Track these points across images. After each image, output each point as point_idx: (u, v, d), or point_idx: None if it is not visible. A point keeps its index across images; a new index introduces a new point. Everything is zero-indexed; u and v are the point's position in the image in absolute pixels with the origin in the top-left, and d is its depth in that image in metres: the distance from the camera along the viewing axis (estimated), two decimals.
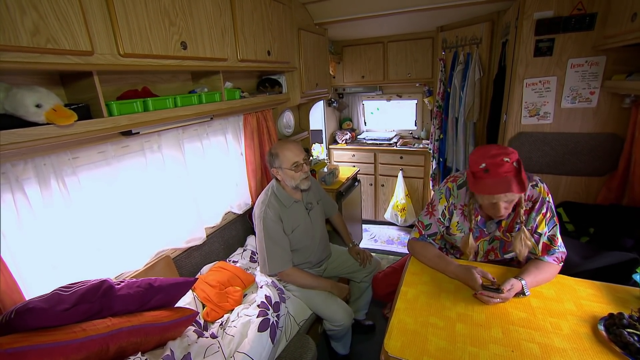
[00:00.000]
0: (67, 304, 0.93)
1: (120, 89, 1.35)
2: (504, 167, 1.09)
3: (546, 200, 1.20)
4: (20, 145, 0.90)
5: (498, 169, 1.09)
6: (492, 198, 1.12)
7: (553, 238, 1.22)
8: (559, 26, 1.80)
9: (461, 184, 1.32)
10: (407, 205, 3.51)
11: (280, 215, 1.63)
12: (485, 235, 1.32)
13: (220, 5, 1.53)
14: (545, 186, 1.22)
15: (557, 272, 1.23)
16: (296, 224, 1.69)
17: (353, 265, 1.92)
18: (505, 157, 1.10)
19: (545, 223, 1.21)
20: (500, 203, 1.12)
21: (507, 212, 1.17)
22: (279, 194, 1.68)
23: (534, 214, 1.21)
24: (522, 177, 1.08)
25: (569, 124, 1.92)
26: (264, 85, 2.19)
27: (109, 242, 1.36)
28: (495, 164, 1.10)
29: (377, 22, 2.76)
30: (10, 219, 1.04)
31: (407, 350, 0.94)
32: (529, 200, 1.22)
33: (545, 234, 1.22)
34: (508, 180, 1.08)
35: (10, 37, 0.83)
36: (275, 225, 1.61)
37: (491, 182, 1.09)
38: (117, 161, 1.39)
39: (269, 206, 1.63)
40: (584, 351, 0.91)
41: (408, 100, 3.81)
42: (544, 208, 1.20)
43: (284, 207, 1.66)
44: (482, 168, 1.12)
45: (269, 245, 1.60)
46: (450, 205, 1.33)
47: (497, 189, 1.08)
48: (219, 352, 1.22)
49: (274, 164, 1.66)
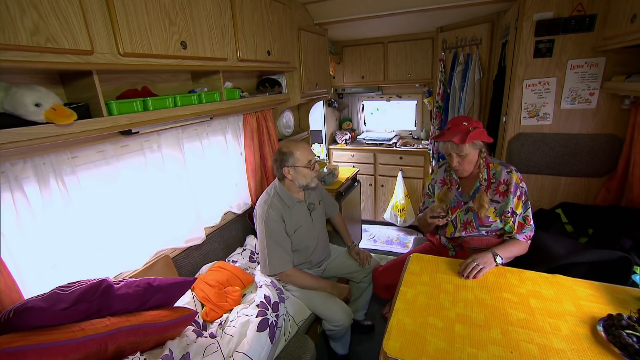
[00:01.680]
0: (65, 304, 0.92)
1: (120, 89, 1.34)
2: (460, 127, 1.42)
3: (519, 186, 1.43)
4: (19, 144, 0.90)
5: (455, 128, 1.43)
6: (445, 148, 1.45)
7: (527, 218, 1.45)
8: (559, 27, 1.80)
9: (441, 165, 1.67)
10: (406, 205, 3.51)
11: (282, 216, 1.63)
12: (462, 205, 1.54)
13: (221, 5, 1.53)
14: (519, 175, 1.45)
15: (527, 248, 1.47)
16: (298, 224, 1.69)
17: (352, 265, 1.92)
18: (465, 122, 1.42)
19: (521, 205, 1.43)
20: (453, 154, 1.43)
21: (460, 167, 1.46)
22: (282, 195, 1.67)
23: (511, 196, 1.42)
24: (467, 136, 1.36)
25: (569, 125, 1.92)
26: (263, 85, 2.19)
27: (108, 242, 1.36)
28: (455, 123, 1.45)
29: (377, 23, 2.76)
30: (9, 218, 1.04)
31: (406, 351, 0.94)
32: (504, 183, 1.45)
33: (521, 214, 1.44)
34: (456, 133, 1.40)
35: (10, 36, 0.83)
36: (277, 226, 1.60)
37: (446, 134, 1.43)
38: (116, 160, 1.39)
39: (271, 206, 1.62)
40: (583, 352, 0.91)
41: (408, 100, 3.81)
42: (518, 192, 1.42)
43: (286, 208, 1.66)
44: (448, 127, 1.47)
45: (270, 246, 1.60)
46: (432, 182, 1.67)
47: (444, 137, 1.42)
48: (217, 351, 1.22)
49: (286, 163, 1.64)
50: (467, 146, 1.39)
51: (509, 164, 1.51)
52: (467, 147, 1.40)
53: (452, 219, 1.55)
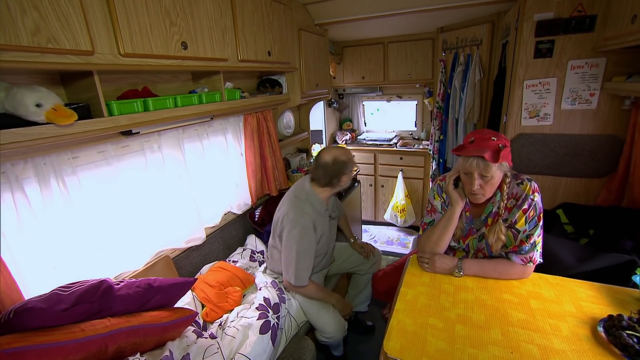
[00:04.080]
0: (66, 304, 0.92)
1: (120, 89, 1.35)
2: (488, 142, 1.15)
3: (529, 198, 1.19)
4: (20, 144, 0.90)
5: (482, 142, 1.15)
6: (469, 166, 1.16)
7: (529, 237, 1.20)
8: (559, 28, 1.80)
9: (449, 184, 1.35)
10: (406, 206, 3.51)
11: (315, 224, 1.55)
12: (474, 232, 1.33)
13: (221, 5, 1.54)
14: (535, 185, 1.22)
15: (522, 273, 1.23)
16: (322, 232, 1.63)
17: (357, 259, 1.94)
18: (493, 137, 1.16)
19: (525, 221, 1.20)
20: (475, 174, 1.16)
21: (480, 192, 1.19)
22: (314, 201, 1.58)
23: (515, 209, 1.22)
24: (499, 154, 1.11)
25: (569, 125, 1.92)
26: (264, 85, 2.19)
27: (109, 242, 1.36)
28: (482, 138, 1.17)
29: (378, 23, 2.76)
30: (9, 218, 1.04)
31: (406, 352, 0.94)
32: (512, 197, 1.22)
33: (525, 232, 1.20)
34: (484, 149, 1.12)
35: (11, 37, 0.83)
36: (311, 237, 1.53)
37: (471, 148, 1.16)
38: (117, 161, 1.39)
39: (305, 213, 1.53)
40: (583, 353, 0.91)
41: (408, 101, 3.81)
42: (525, 204, 1.20)
43: (317, 215, 1.58)
44: (470, 140, 1.19)
45: (302, 257, 1.51)
46: (444, 201, 1.37)
47: (472, 152, 1.14)
48: (218, 353, 1.22)
49: (348, 169, 1.57)
50: (495, 167, 1.13)
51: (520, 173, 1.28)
52: (495, 168, 1.13)
53: (464, 246, 1.37)
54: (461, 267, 1.26)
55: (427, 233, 1.36)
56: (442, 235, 1.30)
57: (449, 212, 1.30)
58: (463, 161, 1.18)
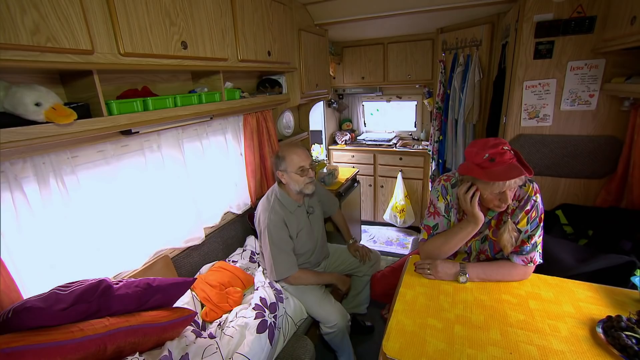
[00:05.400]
0: (64, 304, 0.92)
1: (120, 88, 1.34)
2: (506, 154, 1.10)
3: (532, 199, 1.19)
4: (19, 143, 0.90)
5: (502, 157, 1.10)
6: (504, 186, 1.11)
7: (531, 238, 1.20)
8: (559, 29, 1.80)
9: (454, 184, 1.31)
10: (406, 206, 3.51)
11: (285, 220, 1.63)
12: (477, 234, 1.30)
13: (221, 5, 1.54)
14: (536, 186, 1.21)
15: (524, 274, 1.24)
16: (299, 227, 1.69)
17: (355, 261, 1.95)
18: (504, 146, 1.12)
19: (527, 221, 1.20)
20: (508, 191, 1.12)
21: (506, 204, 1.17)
22: (282, 199, 1.67)
23: (518, 210, 1.21)
24: (524, 162, 1.11)
25: (568, 126, 1.93)
26: (264, 85, 2.19)
27: (108, 242, 1.36)
28: (498, 152, 1.11)
29: (378, 24, 2.76)
30: (8, 217, 1.04)
31: (405, 352, 0.94)
32: (515, 199, 1.22)
33: (527, 232, 1.21)
34: (516, 166, 1.09)
35: (11, 36, 0.83)
36: (280, 232, 1.60)
37: (501, 169, 1.09)
38: (116, 160, 1.39)
39: (272, 212, 1.62)
40: (582, 353, 0.91)
41: (408, 101, 3.81)
42: (527, 205, 1.19)
43: (288, 213, 1.66)
44: (487, 158, 1.11)
45: (275, 253, 1.60)
46: (448, 203, 1.32)
47: (511, 174, 1.07)
48: (217, 352, 1.22)
49: (279, 167, 1.65)
50: None
51: None
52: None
53: (466, 249, 1.36)
54: (465, 272, 1.23)
55: (437, 243, 1.30)
56: (454, 248, 1.27)
57: (469, 228, 1.23)
58: (497, 185, 1.11)
